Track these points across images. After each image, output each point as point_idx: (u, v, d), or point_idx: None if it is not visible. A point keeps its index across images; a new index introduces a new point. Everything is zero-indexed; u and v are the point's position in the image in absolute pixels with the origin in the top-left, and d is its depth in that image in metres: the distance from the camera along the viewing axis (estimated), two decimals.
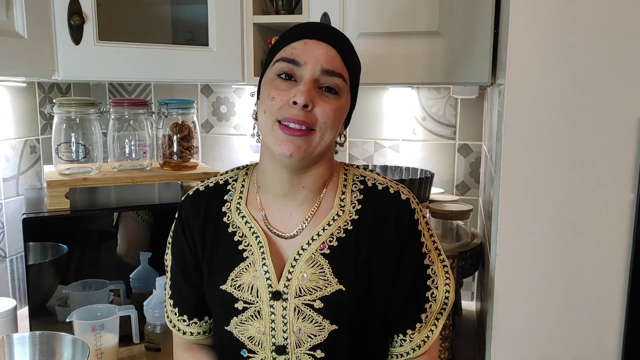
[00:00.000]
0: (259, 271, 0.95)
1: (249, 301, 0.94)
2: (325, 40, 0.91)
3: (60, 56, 1.20)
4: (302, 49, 0.90)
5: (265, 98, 0.91)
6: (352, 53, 0.95)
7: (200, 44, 1.37)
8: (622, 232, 0.93)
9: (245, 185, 1.02)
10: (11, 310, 1.30)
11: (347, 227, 0.95)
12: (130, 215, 1.39)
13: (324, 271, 0.93)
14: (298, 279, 0.93)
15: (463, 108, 1.69)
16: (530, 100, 0.94)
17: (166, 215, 1.40)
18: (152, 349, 1.29)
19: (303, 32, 0.92)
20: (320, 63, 0.89)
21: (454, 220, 1.46)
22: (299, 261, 0.94)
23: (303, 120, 0.88)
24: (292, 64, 0.90)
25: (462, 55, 1.23)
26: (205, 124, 1.89)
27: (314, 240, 0.95)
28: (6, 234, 1.56)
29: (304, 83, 0.88)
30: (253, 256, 0.96)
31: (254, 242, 0.96)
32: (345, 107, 0.94)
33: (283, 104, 0.88)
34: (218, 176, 1.06)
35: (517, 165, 0.96)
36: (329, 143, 0.93)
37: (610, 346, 0.97)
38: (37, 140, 1.67)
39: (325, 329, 0.92)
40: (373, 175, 1.02)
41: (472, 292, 1.76)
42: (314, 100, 0.88)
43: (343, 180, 1.00)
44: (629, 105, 0.90)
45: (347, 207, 0.97)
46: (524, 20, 0.92)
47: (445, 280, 0.98)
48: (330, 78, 0.90)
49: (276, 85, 0.90)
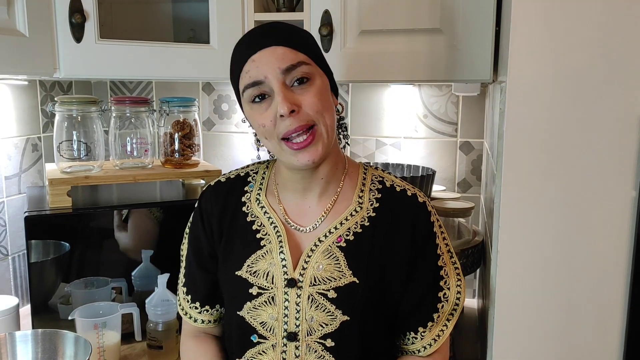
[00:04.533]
0: (276, 258, 0.97)
1: (264, 287, 0.97)
2: (266, 44, 0.91)
3: (61, 54, 1.20)
4: (255, 67, 0.91)
5: (258, 128, 0.94)
6: (295, 34, 0.94)
7: (202, 42, 1.37)
8: (623, 229, 0.93)
9: (265, 178, 1.06)
10: (13, 308, 1.31)
11: (364, 223, 0.98)
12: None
13: (339, 263, 0.96)
14: (314, 269, 0.96)
15: (464, 105, 1.68)
16: (532, 98, 0.94)
17: (168, 213, 1.41)
18: (154, 346, 1.29)
19: (244, 53, 0.93)
20: (277, 67, 0.89)
21: (455, 217, 1.46)
22: (315, 252, 0.97)
23: (300, 125, 0.89)
24: (256, 86, 0.91)
25: (464, 53, 1.23)
26: (207, 122, 1.89)
27: (331, 233, 0.97)
28: (8, 232, 1.56)
29: (276, 94, 0.89)
30: (270, 245, 0.98)
31: (272, 232, 0.99)
32: (323, 84, 0.94)
33: (274, 122, 0.90)
34: (240, 169, 1.10)
35: (518, 163, 0.96)
36: (332, 123, 0.94)
37: (612, 343, 0.97)
38: (38, 138, 1.67)
39: (337, 319, 0.94)
40: (391, 177, 1.04)
41: (474, 290, 1.76)
42: (295, 101, 0.90)
43: (362, 179, 1.03)
44: (631, 103, 0.90)
45: (365, 205, 0.99)
46: (526, 17, 0.92)
47: (457, 281, 1.01)
48: (294, 72, 0.90)
49: (258, 112, 0.92)
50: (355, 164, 1.05)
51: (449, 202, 1.48)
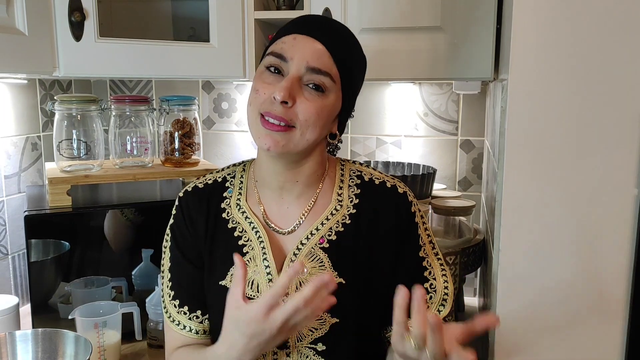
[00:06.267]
0: (260, 266, 0.95)
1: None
2: (316, 36, 0.89)
3: (61, 53, 1.20)
4: (291, 44, 0.89)
5: (252, 90, 0.92)
6: (348, 51, 0.92)
7: (202, 40, 1.36)
8: (625, 227, 0.93)
9: (243, 181, 1.03)
10: (13, 307, 1.30)
11: (345, 221, 0.96)
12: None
13: (324, 265, 0.94)
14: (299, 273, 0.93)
15: (465, 103, 1.68)
16: (533, 96, 0.93)
17: (168, 212, 1.40)
18: (155, 345, 1.29)
19: (296, 26, 0.91)
20: (306, 60, 0.88)
21: (456, 216, 1.46)
22: (298, 255, 0.95)
23: (281, 116, 0.87)
24: (279, 59, 0.89)
25: (465, 51, 1.23)
26: (207, 121, 1.89)
27: (313, 235, 0.96)
28: (8, 231, 1.56)
29: (286, 79, 0.87)
30: (253, 251, 0.96)
31: (254, 237, 0.97)
32: (332, 106, 0.92)
33: (266, 97, 0.88)
34: (214, 174, 1.06)
35: (520, 161, 0.96)
36: (313, 141, 0.91)
37: (613, 341, 0.96)
38: (38, 137, 1.66)
39: (326, 322, 0.93)
40: (369, 170, 1.02)
41: (475, 288, 1.75)
42: (295, 97, 0.87)
43: (340, 176, 1.01)
44: (632, 101, 0.90)
45: (345, 202, 0.98)
46: (527, 15, 0.92)
47: (441, 271, 0.99)
48: (316, 76, 0.88)
49: (263, 79, 0.90)
50: (333, 161, 1.03)
51: (449, 200, 1.48)
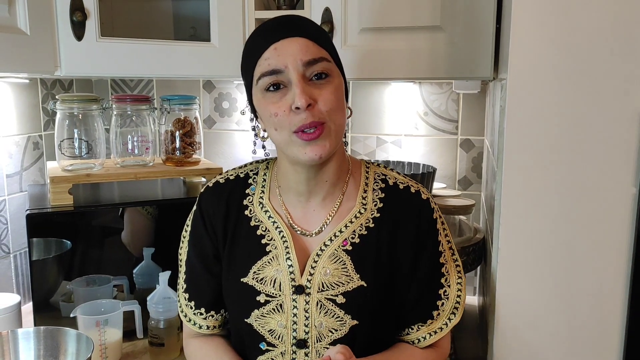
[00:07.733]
0: (282, 265, 0.95)
1: (271, 294, 0.95)
2: (291, 34, 0.89)
3: (62, 52, 1.20)
4: (275, 55, 0.88)
5: (268, 117, 0.91)
6: (317, 29, 0.93)
7: (202, 40, 1.37)
8: (624, 226, 0.93)
9: (266, 180, 1.03)
10: (15, 305, 1.31)
11: (368, 224, 0.97)
12: (136, 209, 1.39)
13: (346, 267, 0.94)
14: (321, 274, 0.94)
15: (465, 103, 1.68)
16: (533, 95, 0.94)
17: (169, 210, 1.41)
18: (156, 344, 1.29)
19: (268, 38, 0.90)
20: (299, 58, 0.88)
21: (456, 215, 1.46)
22: (321, 257, 0.95)
23: (313, 121, 0.87)
24: (275, 74, 0.88)
25: (464, 50, 1.23)
26: (208, 120, 1.89)
27: (337, 237, 0.96)
28: (10, 230, 1.56)
29: (295, 85, 0.87)
30: (276, 250, 0.97)
31: (277, 237, 0.97)
32: (340, 84, 0.93)
33: (287, 114, 0.88)
34: (237, 169, 1.07)
35: (519, 160, 0.96)
36: (343, 125, 0.93)
37: (612, 339, 0.97)
38: (40, 136, 1.67)
39: (347, 324, 0.93)
40: (394, 173, 1.03)
41: (475, 287, 1.76)
42: (312, 95, 0.88)
43: (365, 179, 1.01)
44: (631, 100, 0.90)
45: (369, 205, 0.98)
46: (526, 14, 0.92)
47: (457, 279, 1.00)
48: (315, 66, 0.89)
49: (271, 101, 0.90)
50: (357, 163, 1.04)
51: (449, 199, 1.48)
